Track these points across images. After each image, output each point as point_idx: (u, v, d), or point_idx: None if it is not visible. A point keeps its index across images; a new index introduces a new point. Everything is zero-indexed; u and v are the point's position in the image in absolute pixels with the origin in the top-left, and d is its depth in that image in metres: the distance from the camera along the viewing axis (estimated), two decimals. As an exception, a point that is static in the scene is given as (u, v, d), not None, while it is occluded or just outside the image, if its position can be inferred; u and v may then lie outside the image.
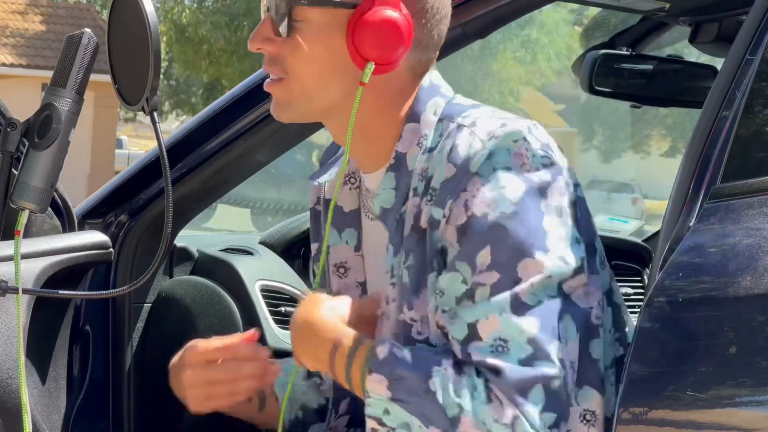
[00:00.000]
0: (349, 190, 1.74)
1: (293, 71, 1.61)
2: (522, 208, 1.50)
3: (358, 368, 1.51)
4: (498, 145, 1.52)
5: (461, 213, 1.51)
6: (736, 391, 1.34)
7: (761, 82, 1.45)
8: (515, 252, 1.49)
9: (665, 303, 1.39)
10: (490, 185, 1.51)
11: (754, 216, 1.40)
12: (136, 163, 2.24)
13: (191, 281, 2.30)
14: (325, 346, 1.54)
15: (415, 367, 1.49)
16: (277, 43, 1.61)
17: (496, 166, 1.51)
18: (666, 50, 2.83)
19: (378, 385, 1.49)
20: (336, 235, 1.76)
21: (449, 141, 1.57)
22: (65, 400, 2.07)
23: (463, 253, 1.51)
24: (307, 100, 1.62)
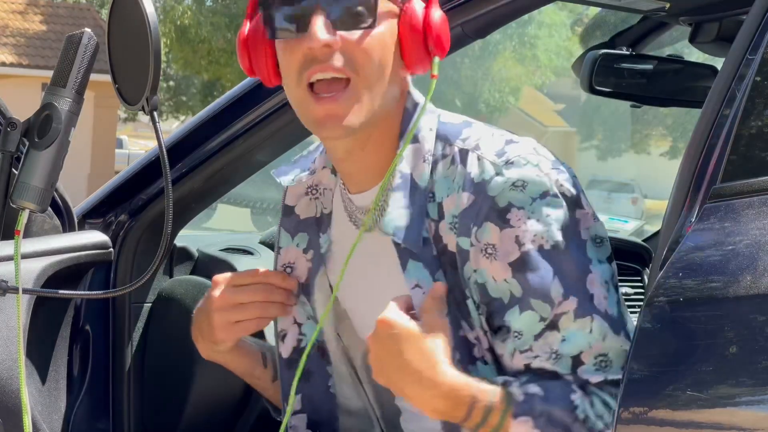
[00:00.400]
0: (308, 200, 1.80)
1: (367, 71, 1.57)
2: (566, 232, 1.54)
3: (497, 416, 1.51)
4: (525, 174, 1.55)
5: (513, 249, 1.53)
6: (736, 391, 1.34)
7: (761, 82, 1.44)
8: (579, 272, 1.54)
9: (665, 303, 1.39)
10: (534, 217, 1.53)
11: (754, 216, 1.40)
12: (136, 163, 2.24)
13: (191, 281, 2.30)
14: (462, 408, 1.51)
15: (554, 400, 1.51)
16: (346, 39, 1.56)
17: (534, 195, 1.54)
18: (666, 50, 2.83)
19: (523, 427, 1.50)
20: (288, 238, 1.81)
21: (455, 166, 1.59)
22: (65, 400, 2.07)
23: (531, 290, 1.53)
24: (372, 103, 1.59)
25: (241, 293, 1.75)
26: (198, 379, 2.23)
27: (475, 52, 19.27)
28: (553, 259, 1.53)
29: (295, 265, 1.81)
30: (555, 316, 1.53)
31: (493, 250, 1.54)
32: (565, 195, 1.55)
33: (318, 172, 1.79)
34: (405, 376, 1.50)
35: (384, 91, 1.59)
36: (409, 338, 1.50)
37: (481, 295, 1.58)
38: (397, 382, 1.52)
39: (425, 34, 1.58)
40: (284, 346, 1.82)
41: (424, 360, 1.49)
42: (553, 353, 1.54)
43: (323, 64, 1.56)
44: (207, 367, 2.21)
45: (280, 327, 1.82)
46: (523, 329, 1.54)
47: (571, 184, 1.57)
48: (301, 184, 1.80)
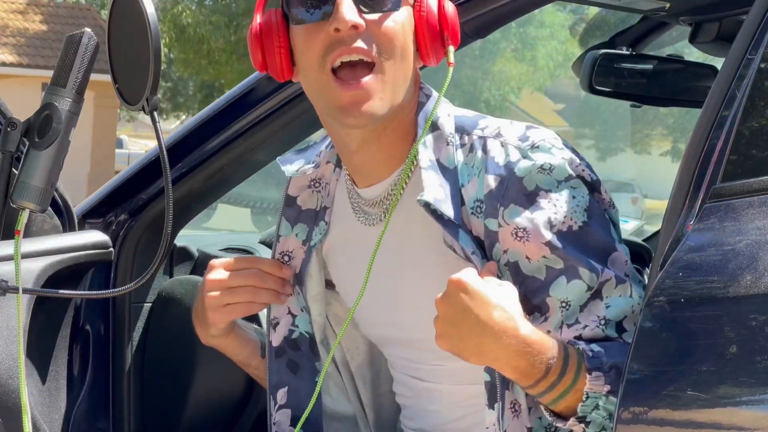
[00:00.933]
0: (311, 193, 1.81)
1: (390, 53, 1.59)
2: (591, 213, 1.57)
3: (571, 375, 1.50)
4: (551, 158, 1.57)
5: (545, 231, 1.55)
6: (736, 391, 1.34)
7: (761, 81, 1.44)
8: (605, 249, 1.57)
9: (665, 303, 1.39)
10: (562, 199, 1.56)
11: (754, 216, 1.40)
12: (136, 162, 2.24)
13: (191, 281, 2.30)
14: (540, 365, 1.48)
15: (617, 355, 1.51)
16: (371, 21, 1.58)
17: (559, 179, 1.57)
18: (666, 50, 2.83)
19: (597, 382, 1.49)
20: (288, 227, 1.83)
21: (475, 153, 1.61)
22: (65, 400, 2.07)
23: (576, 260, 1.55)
24: (395, 90, 1.61)
25: (233, 277, 1.77)
26: (198, 379, 2.23)
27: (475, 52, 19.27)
28: (581, 239, 1.56)
29: (293, 254, 1.82)
30: (599, 284, 1.55)
31: (525, 233, 1.56)
32: (586, 179, 1.59)
33: (322, 166, 1.79)
34: (482, 333, 1.45)
35: (405, 79, 1.61)
36: (487, 293, 1.46)
37: (514, 275, 1.58)
38: (471, 339, 1.46)
39: (441, 25, 1.61)
40: (275, 334, 1.82)
41: (505, 315, 1.46)
42: (601, 320, 1.55)
43: (349, 47, 1.57)
44: (207, 367, 2.21)
45: (273, 315, 1.82)
46: (571, 299, 1.55)
47: (590, 172, 1.60)
48: (305, 177, 1.80)
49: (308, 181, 1.81)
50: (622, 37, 2.64)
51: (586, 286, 1.55)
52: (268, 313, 1.84)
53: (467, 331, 1.46)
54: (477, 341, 1.46)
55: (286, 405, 1.81)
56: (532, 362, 1.47)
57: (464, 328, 1.46)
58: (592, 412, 1.49)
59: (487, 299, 1.45)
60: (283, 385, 1.80)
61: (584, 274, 1.55)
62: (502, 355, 1.46)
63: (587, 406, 1.49)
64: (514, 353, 1.46)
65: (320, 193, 1.81)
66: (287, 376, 1.80)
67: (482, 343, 1.46)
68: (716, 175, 1.43)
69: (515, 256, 1.57)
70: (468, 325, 1.46)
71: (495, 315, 1.45)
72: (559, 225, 1.55)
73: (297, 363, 1.81)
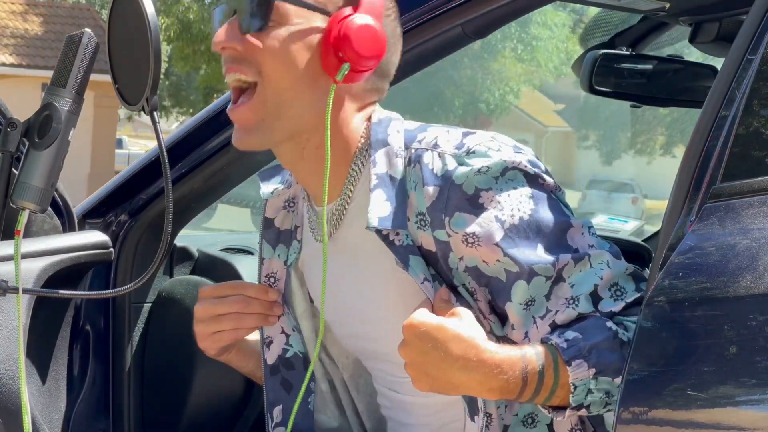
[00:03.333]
0: (286, 213, 1.81)
1: (269, 73, 1.57)
2: (535, 195, 1.57)
3: (550, 374, 1.49)
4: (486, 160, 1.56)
5: (495, 229, 1.55)
6: (736, 391, 1.34)
7: (761, 82, 1.44)
8: (559, 231, 1.56)
9: (665, 303, 1.39)
10: (504, 193, 1.55)
11: (754, 216, 1.40)
12: (136, 162, 2.24)
13: (191, 281, 2.30)
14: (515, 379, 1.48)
15: (594, 334, 1.50)
16: (250, 42, 1.58)
17: (495, 175, 1.56)
18: (666, 50, 2.83)
19: (579, 370, 1.48)
20: (270, 249, 1.83)
21: (413, 167, 1.60)
22: (65, 399, 2.07)
23: (529, 260, 1.55)
24: (278, 113, 1.59)
25: (219, 305, 1.79)
26: (198, 378, 2.23)
27: (475, 52, 19.27)
28: (534, 226, 1.55)
29: (278, 275, 1.83)
30: (558, 271, 1.55)
31: (475, 238, 1.55)
32: (525, 170, 1.57)
33: (293, 185, 1.81)
34: (449, 367, 1.46)
35: (295, 98, 1.59)
36: (440, 329, 1.46)
37: (477, 278, 1.58)
38: (441, 377, 1.47)
39: (337, 40, 1.56)
40: (269, 352, 1.84)
41: (463, 343, 1.46)
42: (569, 300, 1.54)
43: (228, 66, 1.60)
44: (207, 367, 2.21)
45: (267, 334, 1.83)
46: (534, 295, 1.55)
47: (530, 163, 1.58)
48: (279, 198, 1.81)
49: (282, 202, 1.82)
50: (622, 37, 2.63)
51: (544, 278, 1.55)
52: (261, 331, 1.84)
53: (435, 371, 1.47)
54: (446, 377, 1.47)
55: (281, 423, 1.82)
56: (505, 380, 1.47)
57: (430, 369, 1.47)
58: (587, 397, 1.49)
59: (442, 335, 1.46)
60: (279, 403, 1.81)
61: (540, 269, 1.55)
62: (474, 383, 1.47)
63: (579, 395, 1.49)
64: (484, 377, 1.46)
65: (294, 213, 1.82)
66: (282, 394, 1.81)
67: (451, 377, 1.47)
68: (716, 175, 1.43)
69: (472, 261, 1.57)
70: (433, 365, 1.46)
71: (453, 348, 1.45)
72: (508, 219, 1.55)
73: (290, 382, 1.82)
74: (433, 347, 1.45)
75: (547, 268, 1.55)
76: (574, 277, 1.55)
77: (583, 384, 1.48)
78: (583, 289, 1.54)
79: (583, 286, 1.54)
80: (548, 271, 1.55)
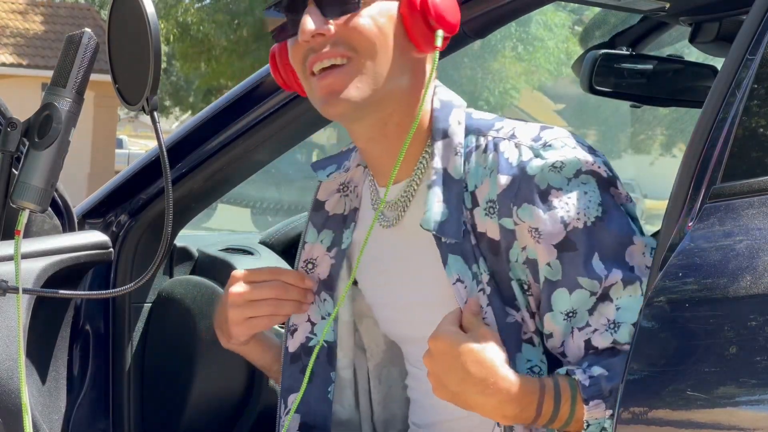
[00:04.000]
0: (339, 198, 1.81)
1: (364, 47, 1.60)
2: (605, 204, 1.57)
3: (567, 408, 1.51)
4: (563, 155, 1.58)
5: (558, 230, 1.56)
6: (736, 391, 1.34)
7: (761, 82, 1.44)
8: (619, 244, 1.56)
9: (665, 303, 1.39)
10: (574, 196, 1.56)
11: (754, 216, 1.40)
12: (135, 162, 2.24)
13: (191, 281, 2.30)
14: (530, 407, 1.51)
15: (618, 374, 1.50)
16: (341, 25, 1.61)
17: (568, 176, 1.57)
18: (666, 50, 2.83)
19: (597, 410, 1.50)
20: (315, 234, 1.82)
21: (488, 154, 1.62)
22: (65, 400, 2.07)
23: (578, 269, 1.55)
24: (376, 79, 1.61)
25: (256, 290, 1.77)
26: (198, 379, 2.23)
27: (475, 52, 19.26)
28: (595, 234, 1.56)
29: (317, 261, 1.82)
30: (604, 288, 1.55)
31: (537, 234, 1.57)
32: (600, 174, 1.58)
33: (352, 169, 1.81)
34: (468, 388, 1.51)
35: (389, 69, 1.61)
36: (464, 351, 1.51)
37: (534, 273, 1.59)
38: (460, 395, 1.52)
39: (423, 9, 1.61)
40: (292, 340, 1.83)
41: (483, 368, 1.51)
42: (611, 324, 1.54)
43: (319, 53, 1.61)
44: (207, 367, 2.21)
45: (293, 321, 1.82)
46: (576, 307, 1.56)
47: (605, 168, 1.59)
48: (335, 181, 1.81)
49: (337, 185, 1.82)
50: (622, 37, 2.63)
51: (588, 293, 1.55)
52: (288, 320, 1.84)
53: (454, 385, 1.52)
54: (464, 396, 1.52)
55: (296, 411, 1.81)
56: (519, 408, 1.50)
57: (451, 382, 1.52)
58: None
59: (465, 357, 1.51)
60: (295, 390, 1.81)
61: (584, 282, 1.55)
62: (489, 407, 1.51)
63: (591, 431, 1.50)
64: (499, 403, 1.50)
65: (348, 197, 1.81)
66: (299, 383, 1.80)
67: (468, 398, 1.52)
68: (716, 175, 1.43)
69: (533, 254, 1.58)
70: (453, 380, 1.52)
71: (474, 371, 1.50)
72: (573, 222, 1.55)
73: (313, 371, 1.80)
74: (455, 366, 1.51)
75: (593, 284, 1.55)
76: (622, 300, 1.55)
77: (597, 423, 1.50)
78: (627, 316, 1.54)
79: (628, 313, 1.54)
80: (593, 286, 1.55)
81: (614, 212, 1.58)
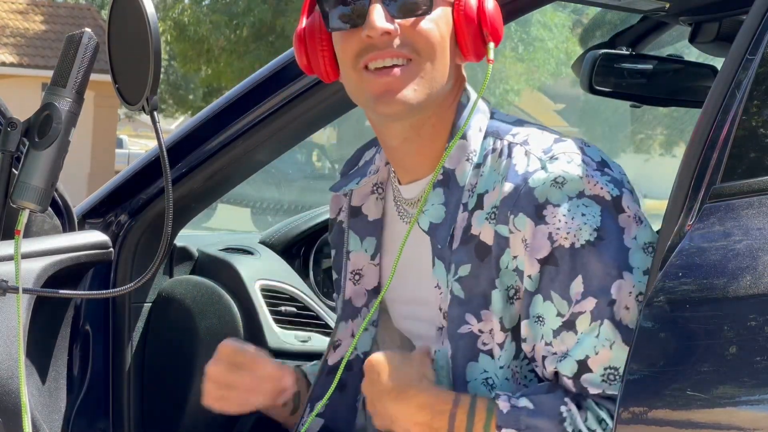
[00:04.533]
0: (375, 200, 1.79)
1: (426, 51, 1.61)
2: (603, 231, 1.54)
3: (480, 428, 1.54)
4: (566, 171, 1.56)
5: (544, 245, 1.55)
6: (736, 391, 1.34)
7: (761, 82, 1.44)
8: (606, 275, 1.54)
9: (665, 303, 1.39)
10: (569, 214, 1.54)
11: (754, 216, 1.40)
12: (136, 162, 2.24)
13: (191, 281, 2.30)
14: (441, 416, 1.56)
15: (541, 413, 1.52)
16: (408, 26, 1.61)
17: (570, 194, 1.55)
18: (666, 50, 2.83)
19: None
20: (358, 242, 1.80)
21: (502, 159, 1.61)
22: (65, 399, 2.07)
23: (555, 285, 1.55)
24: (432, 83, 1.62)
25: (231, 374, 1.78)
26: (198, 378, 2.22)
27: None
28: (582, 257, 1.54)
29: (363, 272, 1.81)
30: (572, 314, 1.54)
31: (526, 245, 1.56)
32: (603, 198, 1.56)
33: (381, 169, 1.79)
34: (384, 397, 1.58)
35: (443, 74, 1.63)
36: (382, 363, 1.59)
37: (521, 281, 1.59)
38: (381, 409, 1.60)
39: (479, 22, 1.62)
40: (333, 354, 1.83)
41: (397, 376, 1.58)
42: (564, 353, 1.54)
43: (381, 51, 1.60)
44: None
45: (338, 337, 1.83)
46: (544, 317, 1.56)
47: (611, 187, 1.56)
48: (366, 185, 1.80)
49: (371, 187, 1.80)
50: (622, 37, 2.63)
51: (556, 311, 1.55)
52: (333, 335, 1.84)
53: (377, 403, 1.61)
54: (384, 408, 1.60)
55: (321, 415, 1.81)
56: (431, 415, 1.56)
57: (375, 400, 1.61)
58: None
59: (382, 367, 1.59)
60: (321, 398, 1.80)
61: (555, 299, 1.55)
62: (403, 416, 1.58)
63: None
64: (412, 411, 1.57)
65: (384, 199, 1.80)
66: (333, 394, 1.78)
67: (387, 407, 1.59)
68: (716, 175, 1.43)
69: (522, 264, 1.58)
70: (376, 397, 1.60)
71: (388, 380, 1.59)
72: (560, 240, 1.54)
73: (345, 382, 1.81)
74: (375, 380, 1.59)
75: (562, 304, 1.54)
76: (582, 335, 1.54)
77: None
78: (578, 352, 1.54)
79: (581, 349, 1.53)
80: (562, 307, 1.54)
81: (612, 241, 1.54)
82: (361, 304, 1.81)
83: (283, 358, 2.28)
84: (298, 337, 2.35)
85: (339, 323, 1.83)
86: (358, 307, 1.81)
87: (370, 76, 1.61)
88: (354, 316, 1.82)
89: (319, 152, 16.49)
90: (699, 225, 1.42)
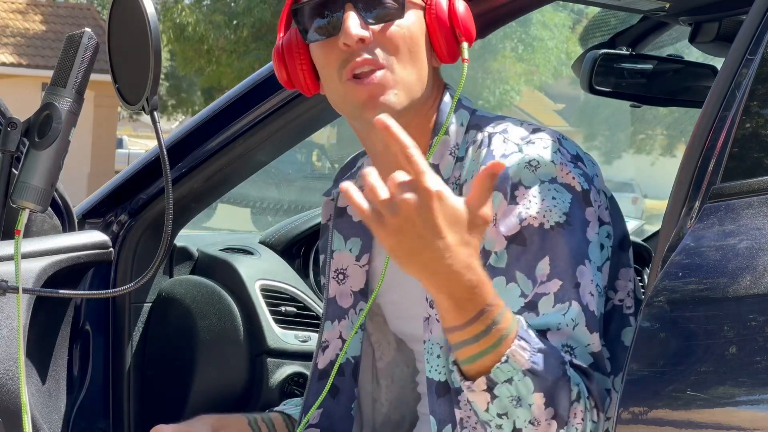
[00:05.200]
0: None
1: (402, 55, 1.63)
2: (571, 217, 1.56)
3: (498, 333, 1.41)
4: (541, 154, 1.58)
5: (513, 224, 1.56)
6: (736, 391, 1.34)
7: (761, 82, 1.44)
8: (572, 259, 1.55)
9: (665, 303, 1.39)
10: (540, 196, 1.56)
11: (754, 216, 1.40)
12: (135, 162, 2.24)
13: (191, 281, 2.30)
14: (476, 303, 1.38)
15: (551, 347, 1.49)
16: (377, 31, 1.63)
17: (543, 178, 1.57)
18: (666, 50, 2.83)
19: (521, 353, 1.43)
20: (341, 241, 1.81)
21: (482, 149, 1.63)
22: (65, 400, 2.07)
23: (520, 264, 1.55)
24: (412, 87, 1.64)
25: None
26: (198, 378, 2.23)
27: (475, 52, 19.26)
28: (550, 238, 1.55)
29: (348, 272, 1.81)
30: (535, 295, 1.54)
31: (495, 219, 1.57)
32: (574, 188, 1.58)
33: None
34: (446, 230, 1.35)
35: (420, 79, 1.65)
36: (453, 215, 1.35)
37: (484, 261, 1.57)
38: (434, 234, 1.34)
39: (452, 23, 1.65)
40: (323, 356, 1.82)
41: (458, 238, 1.36)
42: None
43: (361, 58, 1.62)
44: (207, 367, 2.21)
45: (325, 338, 1.82)
46: (506, 299, 1.50)
47: (582, 180, 1.59)
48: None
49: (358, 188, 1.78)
50: (622, 37, 2.63)
51: (520, 291, 1.55)
52: (320, 335, 1.83)
53: (420, 232, 1.34)
54: (422, 247, 1.35)
55: (317, 425, 1.81)
56: (471, 293, 1.38)
57: (417, 230, 1.34)
58: (503, 384, 1.43)
59: (452, 219, 1.35)
60: (320, 407, 1.80)
61: (520, 278, 1.54)
62: (443, 277, 1.36)
63: (501, 371, 1.42)
64: (455, 277, 1.36)
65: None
66: (326, 399, 1.79)
67: (426, 250, 1.35)
68: (716, 175, 1.43)
69: (490, 244, 1.58)
70: (422, 229, 1.34)
71: (450, 237, 1.35)
72: (530, 219, 1.55)
73: (338, 387, 1.81)
74: (437, 208, 1.35)
75: (527, 284, 1.55)
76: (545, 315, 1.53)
77: (512, 365, 1.42)
78: (539, 323, 1.51)
79: (543, 321, 1.52)
80: (526, 287, 1.55)
81: (578, 229, 1.56)
82: (347, 305, 1.81)
83: (283, 358, 2.28)
84: (298, 337, 2.35)
85: (324, 322, 1.83)
86: (345, 308, 1.81)
87: (354, 84, 1.63)
88: (341, 317, 1.82)
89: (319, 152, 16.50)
90: (699, 225, 1.42)
